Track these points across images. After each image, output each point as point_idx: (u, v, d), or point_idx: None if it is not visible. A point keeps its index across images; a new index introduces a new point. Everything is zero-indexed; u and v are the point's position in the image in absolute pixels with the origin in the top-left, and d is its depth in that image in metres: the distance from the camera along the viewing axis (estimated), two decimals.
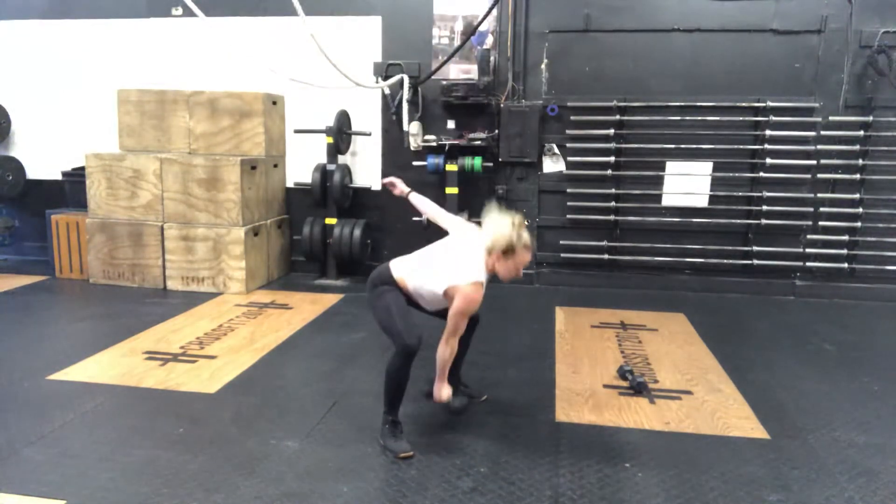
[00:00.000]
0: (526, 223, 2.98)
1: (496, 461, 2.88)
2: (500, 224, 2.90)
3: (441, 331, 2.99)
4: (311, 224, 6.06)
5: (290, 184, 6.47)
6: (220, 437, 3.06)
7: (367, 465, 2.84)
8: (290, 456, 2.90)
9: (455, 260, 2.95)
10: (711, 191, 5.88)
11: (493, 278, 2.98)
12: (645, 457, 2.94)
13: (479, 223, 3.08)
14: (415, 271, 3.03)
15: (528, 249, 2.91)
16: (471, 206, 6.10)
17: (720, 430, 3.21)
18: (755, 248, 5.86)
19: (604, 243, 6.03)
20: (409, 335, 2.87)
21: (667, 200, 5.96)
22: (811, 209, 5.79)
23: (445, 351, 2.94)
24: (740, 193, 5.86)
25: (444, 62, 5.86)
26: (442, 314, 3.15)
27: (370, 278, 3.12)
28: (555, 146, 6.02)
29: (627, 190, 5.98)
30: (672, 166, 5.89)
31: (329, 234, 6.04)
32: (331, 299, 5.54)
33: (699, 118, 5.78)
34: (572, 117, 5.92)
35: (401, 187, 3.45)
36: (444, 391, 3.02)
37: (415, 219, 5.97)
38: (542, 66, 5.96)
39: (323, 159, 6.06)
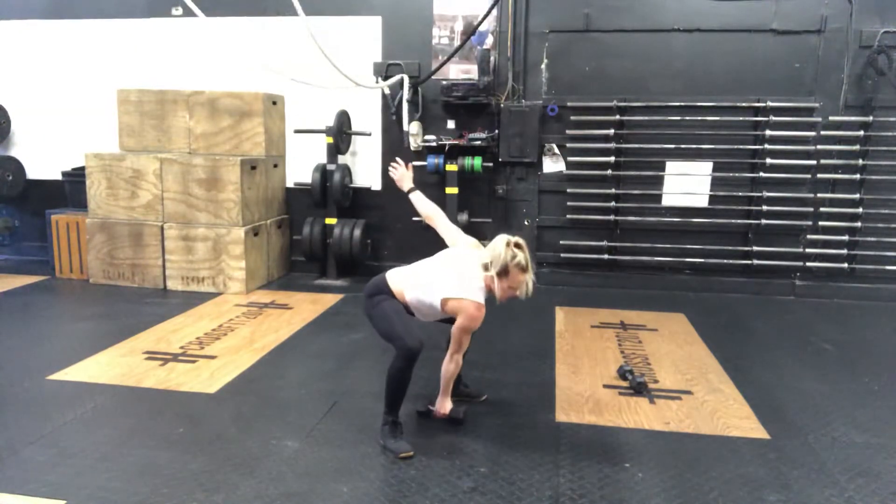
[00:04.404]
0: (522, 242, 2.90)
1: (496, 461, 2.87)
2: (496, 244, 2.91)
3: (442, 332, 2.98)
4: (311, 224, 6.06)
5: (290, 184, 6.47)
6: (220, 437, 3.06)
7: (367, 465, 2.84)
8: (290, 456, 2.90)
9: (456, 275, 2.96)
10: (711, 191, 5.88)
11: (491, 298, 2.99)
12: (645, 457, 2.94)
13: (478, 230, 3.06)
14: (413, 285, 3.02)
15: (521, 270, 2.86)
16: (471, 207, 6.11)
17: (720, 430, 3.21)
18: (755, 248, 5.86)
19: (604, 243, 6.03)
20: (411, 338, 2.86)
21: (667, 200, 5.96)
22: (811, 209, 5.79)
23: (450, 367, 3.05)
24: (740, 193, 5.86)
25: (444, 62, 5.85)
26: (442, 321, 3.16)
27: (366, 288, 3.10)
28: (555, 146, 6.02)
29: (627, 190, 5.98)
30: (672, 166, 5.89)
31: (329, 234, 6.04)
32: (331, 299, 5.54)
33: (699, 118, 5.78)
34: (572, 117, 5.92)
35: (405, 180, 3.44)
36: (446, 405, 3.16)
37: (415, 218, 5.97)
38: (542, 66, 5.96)
39: (323, 159, 6.06)
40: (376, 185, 6.35)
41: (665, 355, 4.29)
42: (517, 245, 2.88)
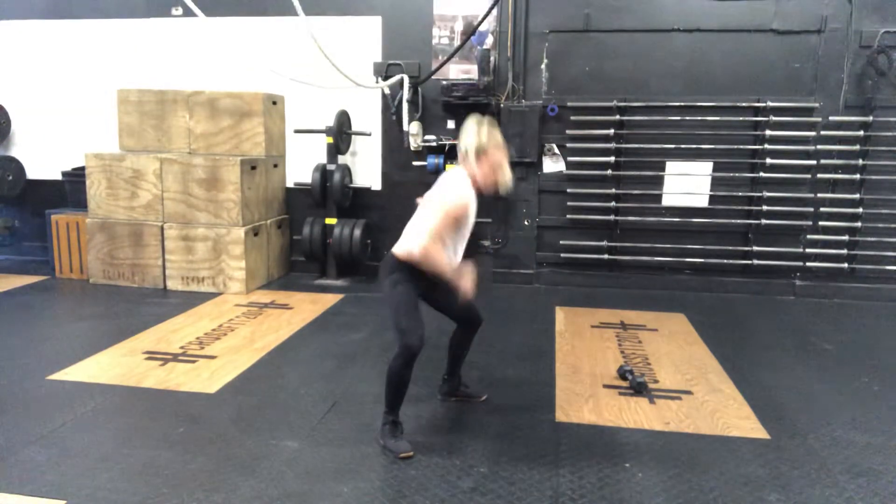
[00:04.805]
0: (489, 118, 2.99)
1: (496, 461, 2.88)
2: (465, 128, 2.97)
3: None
4: (311, 224, 6.06)
5: (290, 184, 6.47)
6: (220, 437, 3.06)
7: (367, 465, 2.84)
8: (290, 456, 2.90)
9: (442, 189, 2.97)
10: (711, 191, 5.88)
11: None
12: (645, 457, 2.94)
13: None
14: (413, 238, 2.91)
15: (498, 146, 2.92)
16: None
17: (720, 430, 3.21)
18: (755, 248, 5.86)
19: (604, 243, 6.03)
20: (412, 335, 2.85)
21: (667, 200, 5.95)
22: (811, 209, 5.79)
23: (430, 253, 2.79)
24: (740, 193, 5.86)
25: (444, 62, 5.85)
26: (451, 308, 3.15)
27: (381, 267, 3.08)
28: (555, 146, 6.02)
29: (627, 190, 5.98)
30: (672, 166, 5.89)
31: (329, 234, 6.04)
32: (331, 299, 5.54)
33: (699, 118, 5.78)
34: (572, 117, 5.92)
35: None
36: (466, 280, 2.93)
37: None
38: (542, 66, 5.96)
39: (323, 159, 6.06)
40: (376, 185, 6.34)
41: (665, 355, 4.29)
42: (488, 122, 2.96)
